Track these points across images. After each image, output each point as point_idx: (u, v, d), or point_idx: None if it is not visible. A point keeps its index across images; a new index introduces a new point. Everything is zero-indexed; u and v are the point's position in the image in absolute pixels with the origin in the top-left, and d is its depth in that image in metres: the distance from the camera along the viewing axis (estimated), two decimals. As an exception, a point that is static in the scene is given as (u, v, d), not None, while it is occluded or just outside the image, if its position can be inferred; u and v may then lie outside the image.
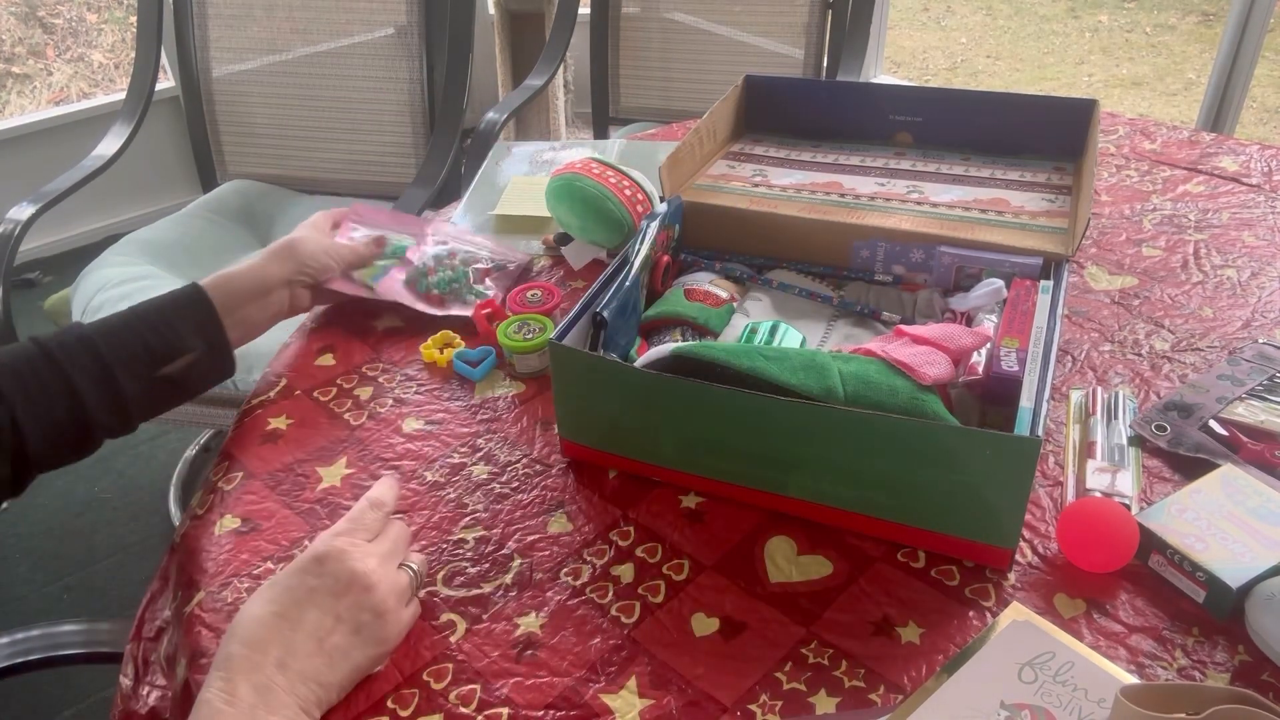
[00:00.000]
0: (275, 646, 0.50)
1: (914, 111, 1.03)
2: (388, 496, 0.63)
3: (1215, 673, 0.57)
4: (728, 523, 0.69)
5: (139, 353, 0.72)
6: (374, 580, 0.54)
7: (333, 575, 0.54)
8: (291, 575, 0.54)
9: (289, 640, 0.51)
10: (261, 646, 0.50)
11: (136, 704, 0.67)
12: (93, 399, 0.69)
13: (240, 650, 0.50)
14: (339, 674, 0.52)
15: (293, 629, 0.51)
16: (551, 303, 0.91)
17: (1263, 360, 0.80)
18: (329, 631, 0.52)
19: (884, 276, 0.86)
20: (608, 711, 0.56)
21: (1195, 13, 4.52)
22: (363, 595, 0.53)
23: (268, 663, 0.50)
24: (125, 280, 1.46)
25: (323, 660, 0.51)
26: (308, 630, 0.51)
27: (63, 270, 2.57)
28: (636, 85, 2.00)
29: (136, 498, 1.82)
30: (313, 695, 0.51)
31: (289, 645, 0.51)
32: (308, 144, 1.79)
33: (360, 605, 0.53)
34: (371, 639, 0.54)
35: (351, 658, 0.53)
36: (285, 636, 0.51)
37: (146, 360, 0.72)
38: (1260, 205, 1.07)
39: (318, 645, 0.51)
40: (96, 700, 1.42)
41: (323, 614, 0.52)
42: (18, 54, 3.18)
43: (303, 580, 0.53)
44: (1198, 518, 0.63)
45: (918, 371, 0.64)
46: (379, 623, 0.54)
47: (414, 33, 1.68)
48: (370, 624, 0.54)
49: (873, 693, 0.57)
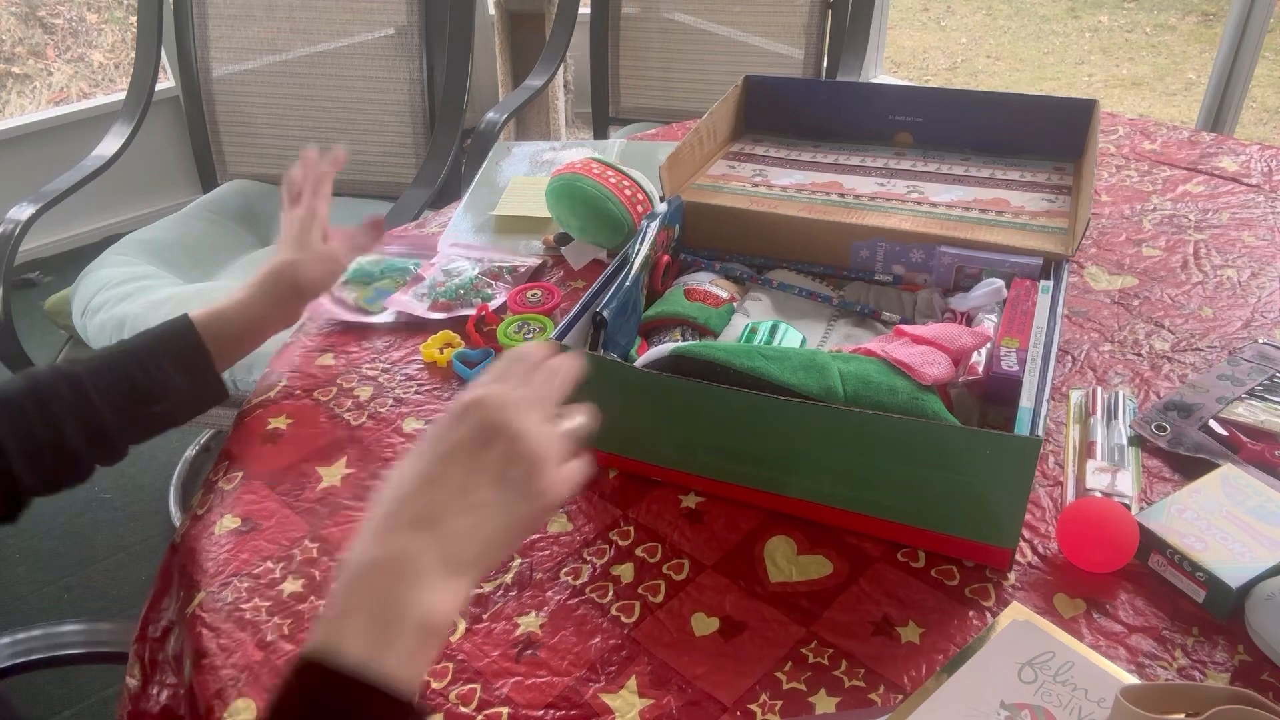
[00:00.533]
0: (414, 504, 0.46)
1: (914, 111, 1.03)
2: (537, 352, 0.54)
3: (1215, 673, 0.57)
4: (728, 522, 0.69)
5: (124, 390, 0.73)
6: (519, 428, 0.48)
7: (476, 424, 0.48)
8: (437, 427, 0.49)
9: (430, 498, 0.47)
10: (399, 507, 0.47)
11: (147, 703, 0.67)
12: (77, 433, 0.70)
13: (378, 513, 0.47)
14: (490, 531, 0.47)
15: (434, 486, 0.47)
16: (551, 303, 0.91)
17: (1263, 360, 0.80)
18: (474, 486, 0.47)
19: (884, 276, 0.86)
20: (608, 711, 0.56)
21: (1195, 13, 4.52)
22: (510, 445, 0.47)
23: (401, 524, 0.46)
24: (125, 280, 1.46)
25: (470, 518, 0.46)
26: (451, 486, 0.47)
27: (63, 270, 2.57)
28: (636, 85, 2.00)
29: (136, 498, 1.82)
30: (463, 554, 0.46)
31: (429, 503, 0.46)
32: (308, 144, 1.79)
33: (507, 456, 0.47)
34: (523, 492, 0.48)
35: (504, 512, 0.47)
36: (426, 495, 0.47)
37: (132, 398, 0.73)
38: (1260, 205, 1.07)
39: (463, 501, 0.46)
40: (97, 700, 1.42)
41: (467, 468, 0.47)
42: (18, 54, 3.18)
43: (447, 432, 0.48)
44: (1198, 518, 0.63)
45: (918, 371, 0.64)
46: (531, 474, 0.48)
47: (414, 33, 1.68)
48: (520, 476, 0.47)
49: (873, 692, 0.57)
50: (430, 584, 0.44)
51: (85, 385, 0.71)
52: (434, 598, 0.44)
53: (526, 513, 0.48)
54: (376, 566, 0.44)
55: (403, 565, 0.44)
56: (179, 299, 1.42)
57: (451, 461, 0.47)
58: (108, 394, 0.72)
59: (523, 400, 0.49)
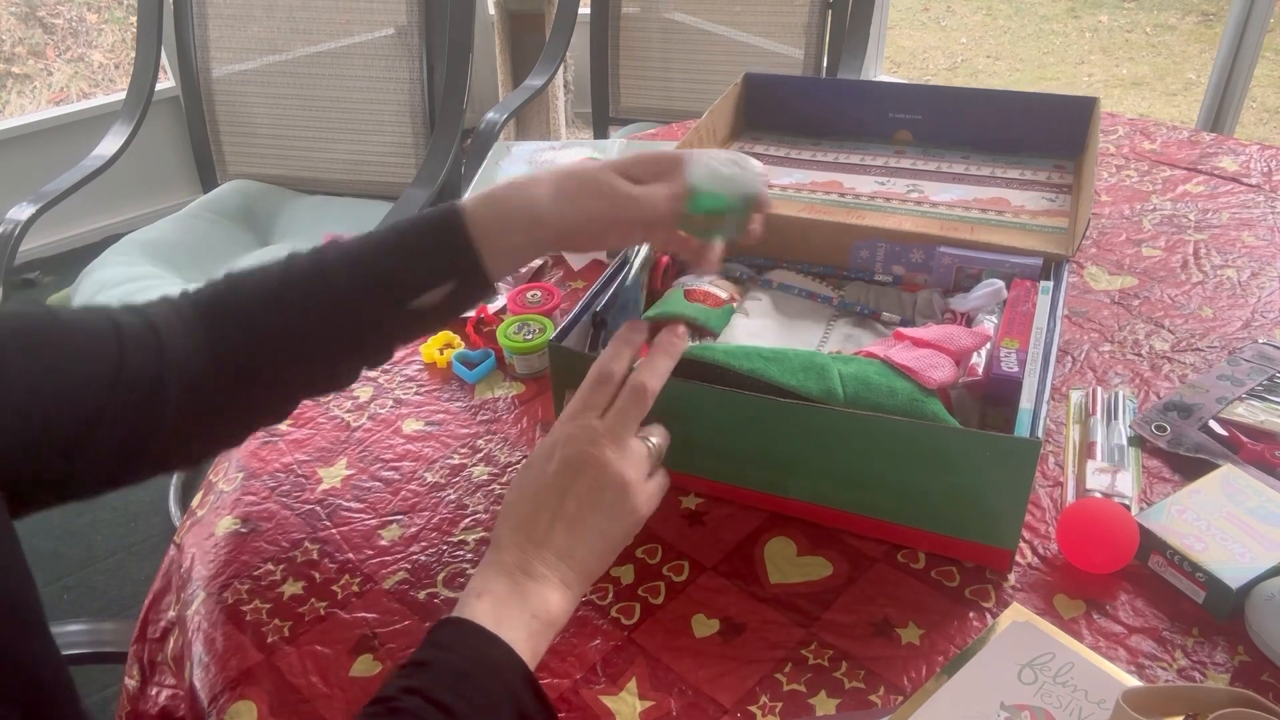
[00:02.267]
0: (529, 527, 0.54)
1: (914, 109, 1.03)
2: (616, 366, 0.59)
3: (1215, 673, 0.57)
4: (728, 524, 0.69)
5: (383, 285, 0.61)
6: (606, 459, 0.55)
7: (564, 461, 0.55)
8: (531, 468, 0.57)
9: (539, 521, 0.54)
10: (517, 528, 0.54)
11: (145, 704, 0.67)
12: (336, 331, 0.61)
13: (504, 529, 0.55)
14: (591, 548, 0.55)
15: (539, 514, 0.54)
16: (551, 303, 0.90)
17: (1263, 360, 0.80)
18: (574, 512, 0.54)
19: (884, 277, 0.86)
20: (608, 713, 0.56)
21: (1195, 13, 4.52)
22: (599, 473, 0.55)
23: (521, 541, 0.54)
24: (125, 280, 1.46)
25: (573, 537, 0.54)
26: (551, 514, 0.54)
27: (63, 270, 2.57)
28: (636, 85, 2.00)
29: (136, 498, 1.82)
30: (571, 572, 0.54)
31: (535, 528, 0.54)
32: (308, 144, 1.79)
33: (598, 484, 0.55)
34: (617, 512, 0.55)
35: (602, 531, 0.55)
36: (537, 519, 0.54)
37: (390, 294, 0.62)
38: (1260, 205, 1.07)
39: (566, 526, 0.54)
40: (97, 700, 1.42)
41: (563, 498, 0.54)
42: (18, 54, 3.18)
43: (541, 471, 0.56)
44: (1198, 518, 0.63)
45: (923, 376, 0.64)
46: (622, 496, 0.55)
47: (414, 33, 1.68)
48: (613, 500, 0.55)
49: (873, 694, 0.57)
50: (546, 587, 0.52)
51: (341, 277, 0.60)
52: (550, 596, 0.52)
53: (620, 529, 0.56)
54: (504, 567, 0.53)
55: (526, 569, 0.53)
56: (179, 299, 1.41)
57: (550, 493, 0.55)
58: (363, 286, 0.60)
59: (604, 432, 0.56)
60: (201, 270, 1.57)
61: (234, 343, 0.59)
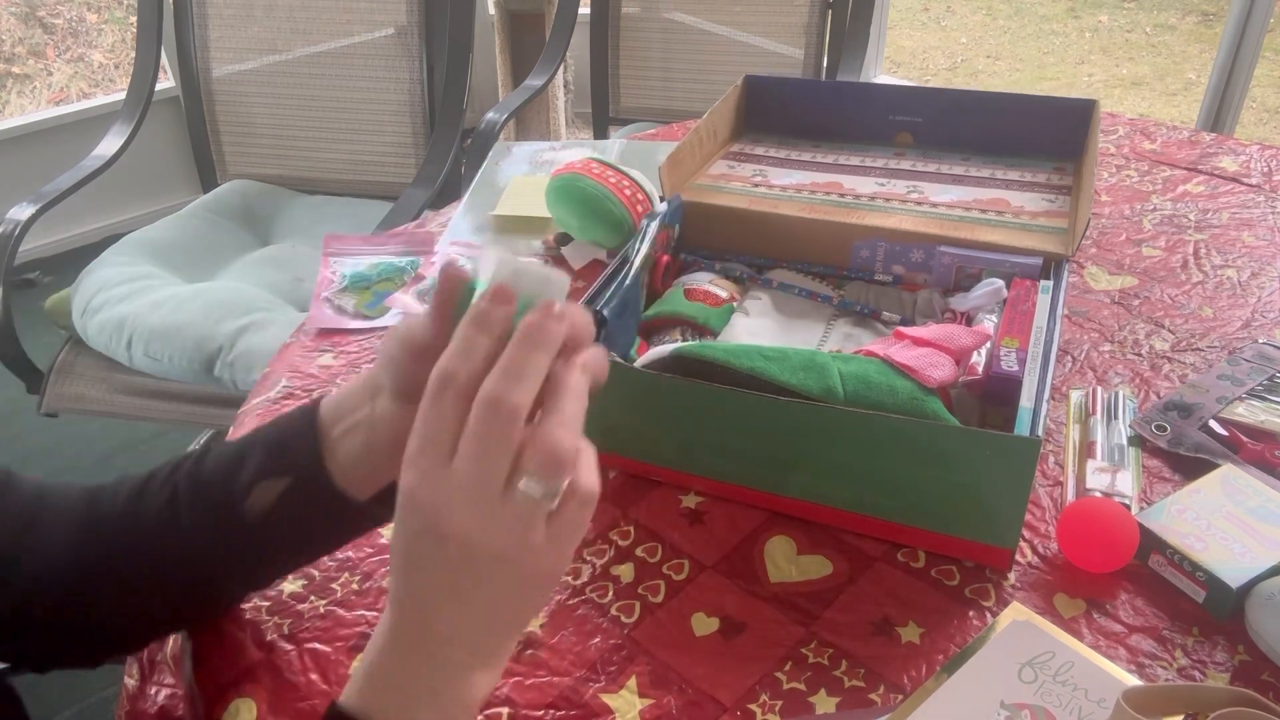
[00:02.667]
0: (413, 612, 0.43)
1: (914, 111, 1.03)
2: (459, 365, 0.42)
3: (1215, 673, 0.57)
4: (728, 523, 0.69)
5: None
6: (464, 531, 0.40)
7: (416, 531, 0.41)
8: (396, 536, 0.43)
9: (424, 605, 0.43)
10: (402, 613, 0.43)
11: (144, 703, 0.67)
12: None
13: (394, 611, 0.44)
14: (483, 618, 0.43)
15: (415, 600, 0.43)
16: (551, 303, 0.90)
17: (1263, 360, 0.80)
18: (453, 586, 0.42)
19: (884, 276, 0.86)
20: (608, 711, 0.56)
21: (1195, 13, 4.52)
22: (462, 546, 0.41)
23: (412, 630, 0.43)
24: (125, 280, 1.46)
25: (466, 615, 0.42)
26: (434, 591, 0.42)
27: (63, 270, 2.57)
28: (636, 85, 2.00)
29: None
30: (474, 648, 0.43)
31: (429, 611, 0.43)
32: (308, 144, 1.79)
33: (466, 555, 0.41)
34: (506, 585, 0.42)
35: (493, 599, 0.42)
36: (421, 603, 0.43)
37: None
38: (1260, 205, 1.07)
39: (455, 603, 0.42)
40: (97, 700, 1.42)
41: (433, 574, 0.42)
42: (18, 54, 3.18)
43: (404, 541, 0.43)
44: (1198, 518, 0.63)
45: (923, 375, 0.64)
46: (500, 566, 0.41)
47: (414, 33, 1.68)
48: (491, 572, 0.41)
49: (873, 692, 0.57)
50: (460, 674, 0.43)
51: None
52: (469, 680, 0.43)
53: (522, 601, 0.44)
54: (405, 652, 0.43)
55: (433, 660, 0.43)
56: (179, 299, 1.42)
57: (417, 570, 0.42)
58: None
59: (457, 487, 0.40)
60: (201, 270, 1.57)
61: (93, 559, 0.54)
